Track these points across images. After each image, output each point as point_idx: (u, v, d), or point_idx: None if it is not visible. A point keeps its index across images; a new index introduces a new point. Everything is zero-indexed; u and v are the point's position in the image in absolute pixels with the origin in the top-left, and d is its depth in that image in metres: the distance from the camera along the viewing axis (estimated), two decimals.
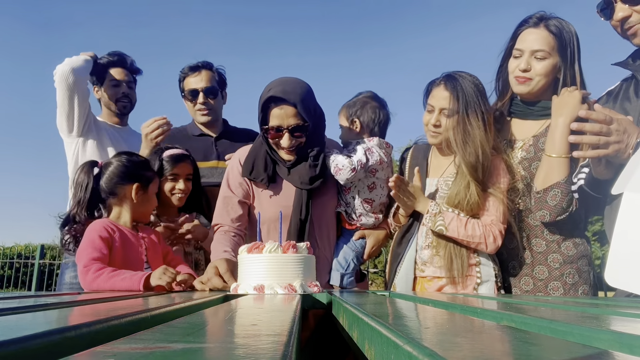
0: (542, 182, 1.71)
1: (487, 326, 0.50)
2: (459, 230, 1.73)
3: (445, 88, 1.79)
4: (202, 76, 2.37)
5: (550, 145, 1.70)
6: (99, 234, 1.63)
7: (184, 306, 0.81)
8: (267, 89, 1.80)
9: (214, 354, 0.31)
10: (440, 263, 1.78)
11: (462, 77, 1.80)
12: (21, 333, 0.39)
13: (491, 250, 1.75)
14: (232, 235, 1.84)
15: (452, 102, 1.76)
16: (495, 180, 1.77)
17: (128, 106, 2.57)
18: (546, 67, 1.77)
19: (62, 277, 2.41)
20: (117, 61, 2.53)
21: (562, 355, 0.32)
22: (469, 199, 1.73)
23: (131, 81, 2.58)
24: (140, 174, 1.79)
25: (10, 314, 0.62)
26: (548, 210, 1.71)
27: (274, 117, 1.77)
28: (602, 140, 1.41)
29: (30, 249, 11.94)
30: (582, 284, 1.76)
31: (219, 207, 1.90)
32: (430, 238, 1.82)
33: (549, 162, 1.70)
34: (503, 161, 1.81)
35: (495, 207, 1.75)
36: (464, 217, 1.75)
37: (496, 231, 1.73)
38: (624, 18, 1.60)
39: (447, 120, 1.77)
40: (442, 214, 1.75)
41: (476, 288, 1.76)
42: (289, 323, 0.50)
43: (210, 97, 2.37)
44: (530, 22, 1.81)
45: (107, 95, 2.53)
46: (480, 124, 1.74)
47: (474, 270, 1.78)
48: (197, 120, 2.41)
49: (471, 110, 1.75)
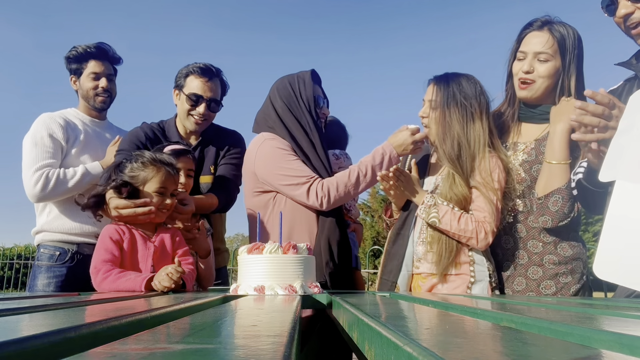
0: (543, 189, 1.73)
1: (487, 327, 0.50)
2: (452, 223, 1.76)
3: (434, 83, 1.91)
4: (212, 85, 2.22)
5: (550, 152, 1.72)
6: (110, 236, 1.66)
7: (184, 307, 0.81)
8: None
9: (214, 355, 0.31)
10: (433, 259, 1.81)
11: (454, 75, 1.90)
12: (21, 334, 0.39)
13: (481, 247, 1.77)
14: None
15: (435, 94, 1.87)
16: (490, 178, 1.79)
17: (108, 101, 2.47)
18: (549, 69, 1.79)
19: (34, 280, 2.30)
20: (97, 53, 2.42)
21: (562, 356, 0.32)
22: (454, 192, 1.79)
23: (111, 73, 2.47)
24: (131, 176, 1.75)
25: (10, 315, 0.62)
26: (550, 216, 1.72)
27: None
28: (602, 124, 1.38)
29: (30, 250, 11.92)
30: (575, 284, 1.77)
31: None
32: (424, 234, 1.85)
33: (550, 168, 1.71)
34: (500, 160, 1.83)
35: (487, 204, 1.77)
36: (457, 211, 1.78)
37: (488, 228, 1.75)
38: (627, 14, 1.61)
39: (432, 112, 1.89)
40: (436, 206, 1.79)
41: (470, 287, 1.77)
42: (290, 324, 0.50)
43: (211, 110, 2.24)
44: (534, 26, 1.84)
45: (85, 88, 2.43)
46: (460, 119, 1.81)
47: (467, 269, 1.79)
48: (186, 125, 2.25)
49: (453, 104, 1.83)
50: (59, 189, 2.22)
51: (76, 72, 2.43)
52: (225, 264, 2.44)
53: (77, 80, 2.45)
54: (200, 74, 2.20)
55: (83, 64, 2.41)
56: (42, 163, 2.24)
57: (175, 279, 1.46)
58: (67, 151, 2.34)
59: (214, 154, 2.28)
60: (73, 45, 2.44)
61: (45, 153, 2.27)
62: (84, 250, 2.29)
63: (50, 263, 2.28)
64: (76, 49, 2.41)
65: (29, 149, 2.28)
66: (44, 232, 2.34)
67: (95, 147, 2.40)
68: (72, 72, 2.45)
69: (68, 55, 2.43)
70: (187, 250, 1.83)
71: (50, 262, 2.29)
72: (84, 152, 2.37)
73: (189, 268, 1.71)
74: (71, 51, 2.43)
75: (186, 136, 2.29)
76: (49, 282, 2.26)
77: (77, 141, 2.37)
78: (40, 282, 2.27)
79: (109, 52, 2.45)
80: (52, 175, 2.23)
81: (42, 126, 2.32)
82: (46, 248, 2.32)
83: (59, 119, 2.36)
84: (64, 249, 2.30)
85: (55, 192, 2.23)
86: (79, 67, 2.42)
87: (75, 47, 2.42)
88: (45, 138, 2.28)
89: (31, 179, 2.23)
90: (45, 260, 2.30)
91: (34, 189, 2.22)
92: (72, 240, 2.29)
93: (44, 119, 2.36)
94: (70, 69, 2.44)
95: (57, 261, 2.27)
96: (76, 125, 2.40)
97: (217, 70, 2.27)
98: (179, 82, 2.25)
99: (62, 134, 2.32)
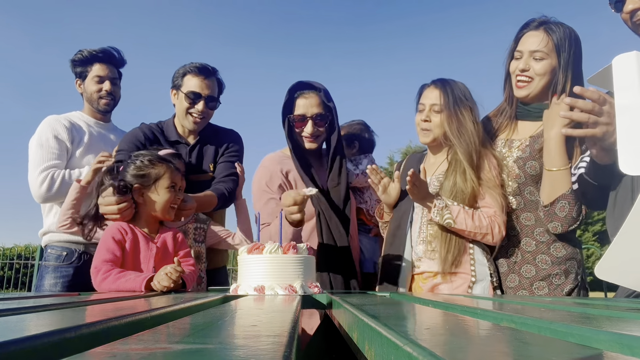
0: (548, 196, 1.74)
1: (487, 327, 0.50)
2: (467, 222, 1.77)
3: (435, 87, 1.95)
4: (209, 82, 2.23)
5: (548, 160, 1.74)
6: (113, 236, 1.66)
7: (184, 307, 0.81)
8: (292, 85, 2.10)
9: (214, 355, 0.31)
10: (435, 256, 1.82)
11: (449, 80, 1.97)
12: (21, 334, 0.39)
13: (497, 241, 1.80)
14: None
15: (442, 98, 1.91)
16: (491, 175, 1.84)
17: (111, 104, 2.51)
18: (544, 67, 1.82)
19: (41, 280, 2.33)
20: (102, 56, 2.45)
21: (562, 356, 0.32)
22: (465, 187, 1.81)
23: (116, 77, 2.50)
24: (140, 175, 1.76)
25: (11, 315, 0.62)
26: (559, 222, 1.73)
27: (299, 106, 2.06)
28: (592, 120, 1.37)
29: (30, 249, 11.94)
30: (569, 284, 1.78)
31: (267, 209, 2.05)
32: (424, 233, 1.86)
33: (551, 176, 1.73)
34: (494, 157, 1.89)
35: (494, 199, 1.81)
36: (468, 209, 1.80)
37: (500, 221, 1.79)
38: (634, 10, 1.61)
39: (437, 116, 1.91)
40: (448, 207, 1.79)
41: (471, 286, 1.78)
42: (290, 324, 0.50)
43: (208, 107, 2.25)
44: (531, 26, 1.88)
45: (89, 91, 2.46)
46: (470, 117, 1.89)
47: (468, 269, 1.80)
48: (185, 124, 2.25)
49: (462, 105, 1.90)
50: (64, 189, 2.24)
51: (81, 75, 2.48)
52: (224, 264, 2.44)
53: (81, 83, 2.49)
54: (197, 73, 2.22)
55: (88, 67, 2.45)
56: (48, 164, 2.28)
57: (175, 278, 1.46)
58: (72, 152, 2.37)
59: (212, 153, 2.30)
60: (79, 49, 2.48)
61: (50, 154, 2.30)
62: (90, 250, 2.31)
63: (57, 263, 2.31)
64: (82, 52, 2.45)
65: (35, 150, 2.32)
66: (51, 233, 2.37)
67: (99, 148, 2.42)
68: (77, 75, 2.49)
69: (73, 58, 2.47)
70: (188, 252, 1.83)
71: (57, 263, 2.32)
72: (88, 154, 2.40)
73: (190, 269, 1.71)
74: (77, 54, 2.46)
75: (185, 135, 2.30)
76: (55, 282, 2.29)
77: (82, 143, 2.40)
78: (47, 282, 2.30)
79: (113, 55, 2.49)
80: (57, 176, 2.26)
81: (47, 128, 2.36)
82: (53, 249, 2.35)
83: (64, 121, 2.40)
84: (71, 249, 2.33)
85: (60, 192, 2.25)
86: (84, 70, 2.46)
87: (80, 51, 2.46)
88: (51, 140, 2.32)
89: (37, 179, 2.26)
90: (52, 261, 2.32)
91: (40, 189, 2.25)
92: (79, 240, 2.30)
93: (50, 121, 2.39)
94: (75, 72, 2.48)
95: (64, 261, 2.30)
96: (81, 127, 2.44)
97: (214, 69, 2.28)
98: (177, 81, 2.26)
99: (67, 135, 2.36)
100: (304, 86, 2.10)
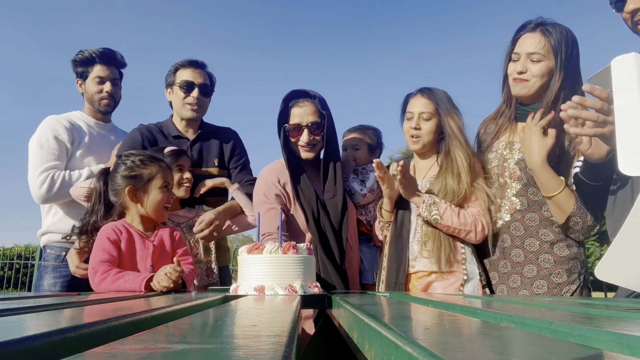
0: (559, 217, 1.77)
1: (487, 327, 0.50)
2: (452, 218, 1.85)
3: (422, 95, 2.00)
4: (201, 72, 2.34)
5: (542, 189, 1.77)
6: (108, 236, 1.65)
7: (184, 307, 0.81)
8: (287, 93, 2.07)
9: (214, 355, 0.31)
10: (430, 254, 1.87)
11: (432, 88, 2.03)
12: (21, 334, 0.39)
13: (479, 239, 1.87)
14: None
15: (435, 103, 1.97)
16: (478, 177, 1.92)
17: (112, 104, 2.51)
18: (542, 69, 1.83)
19: (40, 280, 2.33)
20: (102, 57, 2.45)
21: (562, 356, 0.32)
22: (459, 189, 1.87)
23: (116, 78, 2.51)
24: (132, 175, 1.74)
25: (11, 315, 0.62)
26: (578, 234, 1.78)
27: (295, 115, 2.03)
28: (601, 118, 1.35)
29: (30, 249, 11.93)
30: (569, 284, 1.78)
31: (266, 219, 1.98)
32: (419, 233, 1.88)
33: (553, 201, 1.75)
34: (479, 162, 1.97)
35: (480, 200, 1.90)
36: (455, 207, 1.88)
37: (484, 221, 1.87)
38: (635, 10, 1.60)
39: (426, 123, 1.97)
40: (436, 204, 1.87)
41: (462, 285, 1.84)
42: (289, 324, 0.50)
43: (203, 95, 2.33)
44: (528, 28, 1.89)
45: (90, 92, 2.46)
46: (459, 122, 1.96)
47: (460, 267, 1.86)
48: (184, 114, 2.32)
49: (452, 110, 1.97)
50: (64, 190, 2.25)
51: (82, 75, 2.47)
52: (227, 264, 2.44)
53: (82, 84, 2.49)
54: (188, 65, 2.33)
55: (89, 67, 2.45)
56: (48, 165, 2.28)
57: (174, 278, 1.46)
58: (72, 153, 2.37)
59: (217, 148, 2.38)
60: (80, 49, 2.47)
61: (50, 155, 2.30)
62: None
63: (56, 263, 2.32)
64: (83, 52, 2.45)
65: (35, 150, 2.32)
66: (50, 233, 2.37)
67: (99, 149, 2.43)
68: (78, 75, 2.49)
69: (74, 58, 2.47)
70: (186, 250, 1.83)
71: (56, 263, 2.32)
72: (88, 154, 2.40)
73: (189, 268, 1.71)
74: (78, 54, 2.46)
75: (184, 131, 2.36)
76: (55, 282, 2.29)
77: (82, 143, 2.40)
78: (46, 282, 2.30)
79: (114, 56, 2.49)
80: (57, 177, 2.26)
81: (47, 128, 2.35)
82: (52, 249, 2.35)
83: (64, 121, 2.39)
84: (70, 250, 2.32)
85: (60, 193, 2.25)
86: (85, 70, 2.46)
87: (82, 51, 2.46)
88: (51, 140, 2.32)
89: (37, 180, 2.26)
90: (51, 261, 2.33)
91: (40, 190, 2.25)
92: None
93: (50, 121, 2.39)
94: (76, 72, 2.48)
95: (63, 261, 2.29)
96: (81, 128, 2.44)
97: (202, 62, 2.37)
98: (169, 79, 2.36)
99: (67, 136, 2.35)
100: (299, 95, 2.08)
